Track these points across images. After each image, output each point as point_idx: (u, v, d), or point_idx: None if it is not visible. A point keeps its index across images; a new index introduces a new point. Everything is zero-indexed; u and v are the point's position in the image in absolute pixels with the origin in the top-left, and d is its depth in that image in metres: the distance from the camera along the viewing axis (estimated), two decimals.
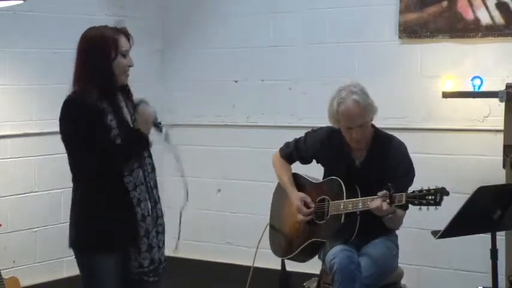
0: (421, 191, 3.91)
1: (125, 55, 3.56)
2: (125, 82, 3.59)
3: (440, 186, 3.89)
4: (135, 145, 3.54)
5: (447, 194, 3.87)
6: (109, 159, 3.47)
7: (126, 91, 3.64)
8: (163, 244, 3.65)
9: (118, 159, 3.50)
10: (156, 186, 3.65)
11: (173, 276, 4.89)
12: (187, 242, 5.82)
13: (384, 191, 3.95)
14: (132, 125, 3.57)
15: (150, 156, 3.65)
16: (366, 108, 4.14)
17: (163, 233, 3.65)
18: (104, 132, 3.46)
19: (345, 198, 4.16)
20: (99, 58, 3.50)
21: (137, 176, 3.52)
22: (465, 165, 5.12)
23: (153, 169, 3.66)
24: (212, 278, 5.84)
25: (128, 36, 3.62)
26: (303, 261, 4.52)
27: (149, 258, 3.54)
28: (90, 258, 3.53)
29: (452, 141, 5.19)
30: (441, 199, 3.86)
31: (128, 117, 3.59)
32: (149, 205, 3.57)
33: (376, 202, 3.97)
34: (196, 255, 6.02)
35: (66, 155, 3.61)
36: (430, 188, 3.89)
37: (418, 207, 3.92)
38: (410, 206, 4.04)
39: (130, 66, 3.58)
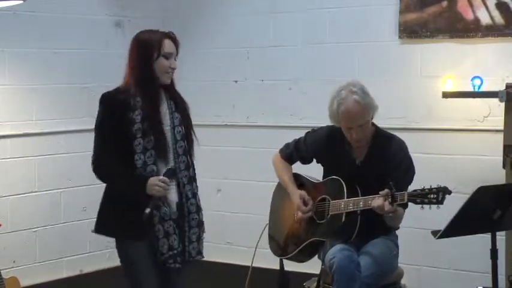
0: (423, 189, 3.91)
1: (167, 57, 3.76)
2: (167, 82, 3.78)
3: (442, 185, 3.89)
4: (122, 183, 3.73)
5: (449, 192, 3.87)
6: (128, 153, 3.68)
7: (171, 92, 3.83)
8: (198, 238, 3.86)
9: (97, 172, 3.75)
10: (190, 183, 3.83)
11: None
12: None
13: (386, 190, 3.95)
14: (166, 124, 3.75)
15: (185, 153, 3.81)
16: (366, 107, 4.13)
17: (197, 227, 3.86)
18: (127, 126, 3.66)
19: (345, 197, 4.16)
20: (141, 58, 3.73)
21: (151, 170, 3.68)
22: (465, 165, 5.12)
23: (187, 166, 3.82)
24: (212, 278, 5.84)
25: (174, 41, 3.83)
26: (302, 261, 4.51)
27: (167, 244, 3.71)
28: (119, 245, 3.80)
29: (452, 141, 5.19)
30: (443, 198, 3.86)
31: (166, 116, 3.76)
32: (168, 199, 3.73)
33: (378, 201, 3.97)
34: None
35: None
36: (432, 186, 3.90)
37: (421, 206, 3.91)
38: (412, 205, 4.03)
39: (172, 68, 3.78)
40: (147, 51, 3.73)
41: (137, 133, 3.67)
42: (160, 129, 3.72)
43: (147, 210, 3.63)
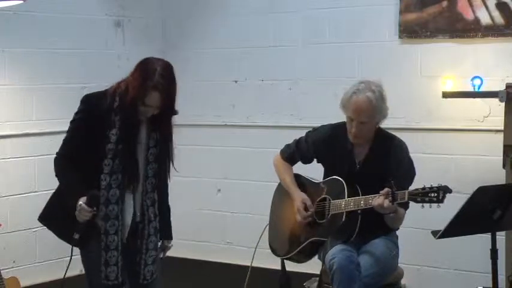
0: (423, 188, 3.91)
1: (148, 106, 3.57)
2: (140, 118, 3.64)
3: (443, 184, 3.89)
4: (65, 188, 3.67)
5: (450, 191, 3.87)
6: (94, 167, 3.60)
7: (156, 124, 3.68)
8: (153, 261, 3.76)
9: (55, 168, 3.70)
10: (153, 204, 3.75)
11: (173, 276, 4.90)
12: (187, 242, 5.83)
13: (386, 189, 3.95)
14: (141, 143, 3.65)
15: (154, 175, 3.71)
16: (375, 109, 4.14)
17: (154, 249, 3.78)
18: (100, 139, 3.57)
19: (346, 197, 4.16)
20: (137, 90, 3.54)
21: (114, 194, 3.61)
22: (465, 165, 5.12)
23: (154, 188, 3.74)
24: (212, 278, 5.84)
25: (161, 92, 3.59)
26: (302, 261, 4.52)
27: (105, 273, 3.66)
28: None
29: (452, 141, 5.19)
30: (444, 197, 3.86)
31: (142, 134, 3.65)
32: (124, 224, 3.67)
33: (378, 200, 3.98)
34: (196, 255, 6.03)
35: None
36: (433, 185, 3.90)
37: (421, 205, 3.91)
38: (412, 205, 4.04)
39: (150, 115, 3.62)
40: (141, 89, 3.54)
41: (108, 153, 3.58)
42: (134, 159, 3.63)
43: (76, 236, 3.58)
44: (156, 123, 3.66)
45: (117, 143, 3.58)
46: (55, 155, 3.72)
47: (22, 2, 4.34)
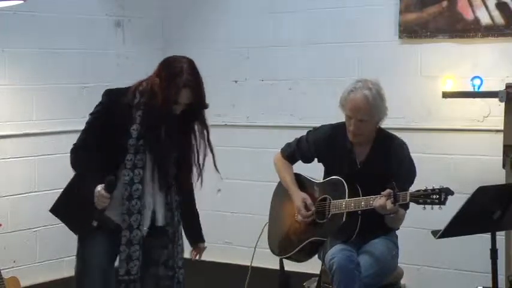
0: (425, 190, 3.91)
1: (182, 103, 3.62)
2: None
3: (445, 186, 3.89)
4: (83, 182, 3.67)
5: (452, 193, 3.86)
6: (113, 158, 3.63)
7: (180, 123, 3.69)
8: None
9: (71, 161, 3.73)
10: (178, 208, 3.81)
11: None
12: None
13: (388, 190, 3.95)
14: (160, 150, 3.65)
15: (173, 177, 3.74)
16: (372, 107, 4.14)
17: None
18: (120, 135, 3.59)
19: (347, 197, 4.16)
20: (167, 84, 3.57)
21: (136, 189, 3.62)
22: (465, 165, 5.12)
23: (172, 190, 3.76)
24: (211, 278, 5.83)
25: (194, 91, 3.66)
26: (302, 261, 4.51)
27: (125, 268, 3.66)
28: (80, 242, 3.79)
29: (452, 141, 5.19)
30: (446, 198, 3.86)
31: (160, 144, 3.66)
32: (144, 219, 3.68)
33: (380, 201, 3.98)
34: None
35: None
36: (435, 187, 3.90)
37: (422, 206, 3.91)
38: (412, 205, 4.04)
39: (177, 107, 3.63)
40: (175, 86, 3.58)
41: (130, 148, 3.60)
42: (156, 154, 3.65)
43: (95, 223, 3.59)
44: (190, 120, 3.70)
45: (138, 139, 3.60)
46: (72, 146, 3.73)
47: (22, 2, 4.34)
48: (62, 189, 3.81)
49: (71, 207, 3.73)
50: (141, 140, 3.61)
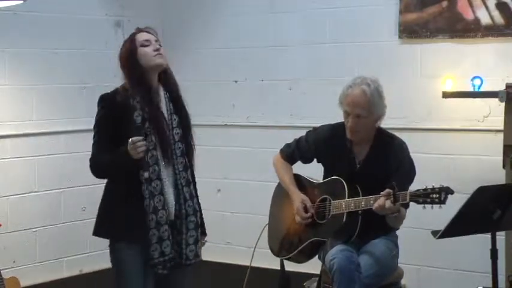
0: (425, 189, 3.91)
1: (145, 45, 3.80)
2: (160, 62, 3.81)
3: (444, 185, 3.89)
4: (113, 164, 3.73)
5: (452, 192, 3.87)
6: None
7: (170, 86, 3.88)
8: (195, 241, 3.85)
9: (92, 169, 3.79)
10: (188, 185, 3.83)
11: None
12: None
13: (388, 190, 3.95)
14: (166, 120, 3.79)
15: (182, 155, 3.83)
16: (369, 102, 4.14)
17: (194, 229, 3.86)
18: (128, 128, 3.67)
19: (346, 197, 4.16)
20: (126, 61, 3.79)
21: (153, 171, 3.70)
22: (465, 165, 5.12)
23: (186, 168, 3.83)
24: (211, 278, 5.83)
25: (147, 31, 3.89)
26: (302, 261, 4.51)
27: (159, 249, 3.71)
28: (111, 247, 3.82)
29: (452, 141, 5.18)
30: (446, 198, 3.86)
31: (164, 112, 3.80)
32: (167, 200, 3.74)
33: (380, 201, 3.97)
34: None
35: None
36: (435, 186, 3.90)
37: (422, 205, 3.91)
38: (412, 205, 4.04)
39: (156, 49, 3.81)
40: (127, 52, 3.80)
41: (141, 134, 3.68)
42: (163, 128, 3.76)
43: (146, 174, 3.68)
44: (165, 84, 3.85)
45: (143, 123, 3.70)
46: (89, 161, 3.79)
47: (22, 2, 4.33)
48: (98, 210, 3.86)
49: (110, 218, 3.78)
50: (146, 122, 3.70)
